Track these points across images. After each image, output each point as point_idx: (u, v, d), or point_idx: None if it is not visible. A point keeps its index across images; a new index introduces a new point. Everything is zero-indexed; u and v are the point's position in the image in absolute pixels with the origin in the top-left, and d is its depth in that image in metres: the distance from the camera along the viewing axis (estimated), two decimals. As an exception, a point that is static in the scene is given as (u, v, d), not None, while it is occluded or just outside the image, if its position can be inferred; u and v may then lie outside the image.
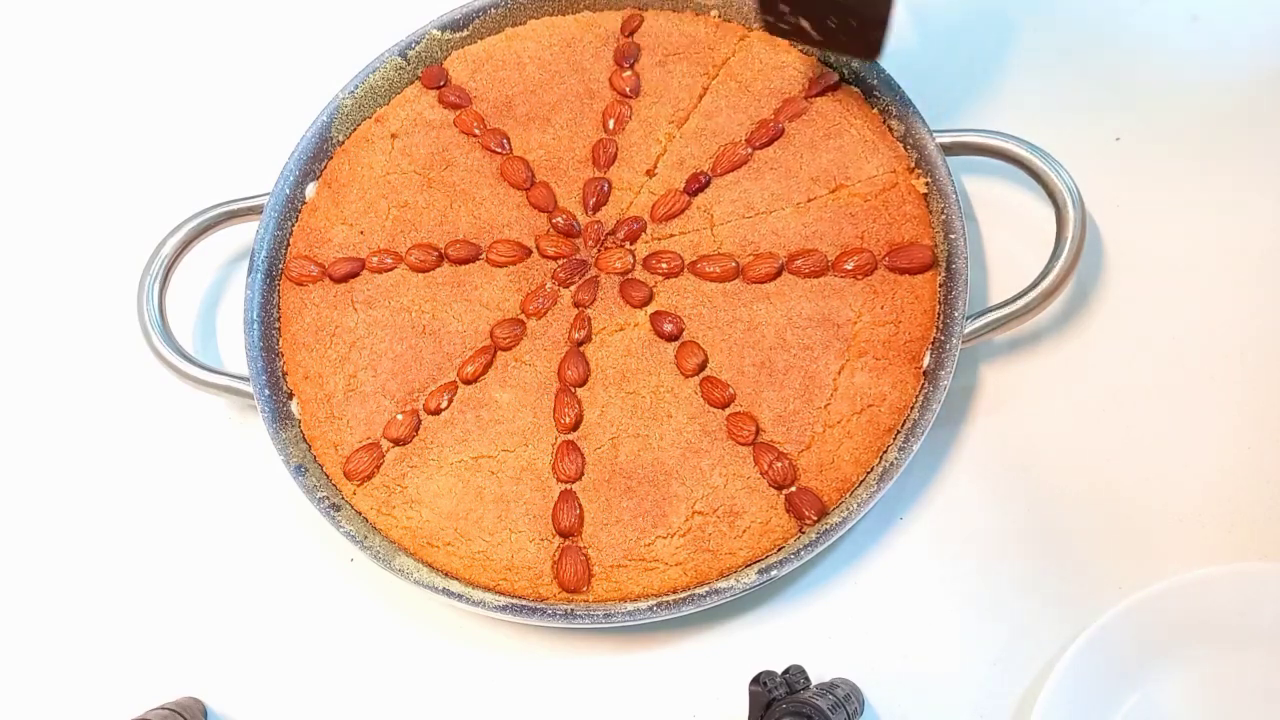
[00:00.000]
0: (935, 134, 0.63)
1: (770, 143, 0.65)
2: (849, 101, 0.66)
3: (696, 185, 0.65)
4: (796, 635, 0.58)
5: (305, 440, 0.62)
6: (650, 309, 0.63)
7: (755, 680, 0.53)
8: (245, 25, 0.80)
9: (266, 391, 0.63)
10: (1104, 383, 0.62)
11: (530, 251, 0.65)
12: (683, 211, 0.65)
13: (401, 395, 0.62)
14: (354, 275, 0.66)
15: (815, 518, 0.57)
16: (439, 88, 0.70)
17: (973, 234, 0.65)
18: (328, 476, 0.61)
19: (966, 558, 0.59)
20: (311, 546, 0.63)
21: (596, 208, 0.66)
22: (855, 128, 0.65)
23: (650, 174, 0.66)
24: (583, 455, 0.60)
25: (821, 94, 0.66)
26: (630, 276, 0.64)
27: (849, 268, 0.62)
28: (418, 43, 0.71)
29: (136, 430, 0.67)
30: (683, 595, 0.57)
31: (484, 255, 0.65)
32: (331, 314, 0.65)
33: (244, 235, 0.69)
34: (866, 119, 0.65)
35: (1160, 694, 0.54)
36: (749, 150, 0.66)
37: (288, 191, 0.68)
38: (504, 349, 0.63)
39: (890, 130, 0.65)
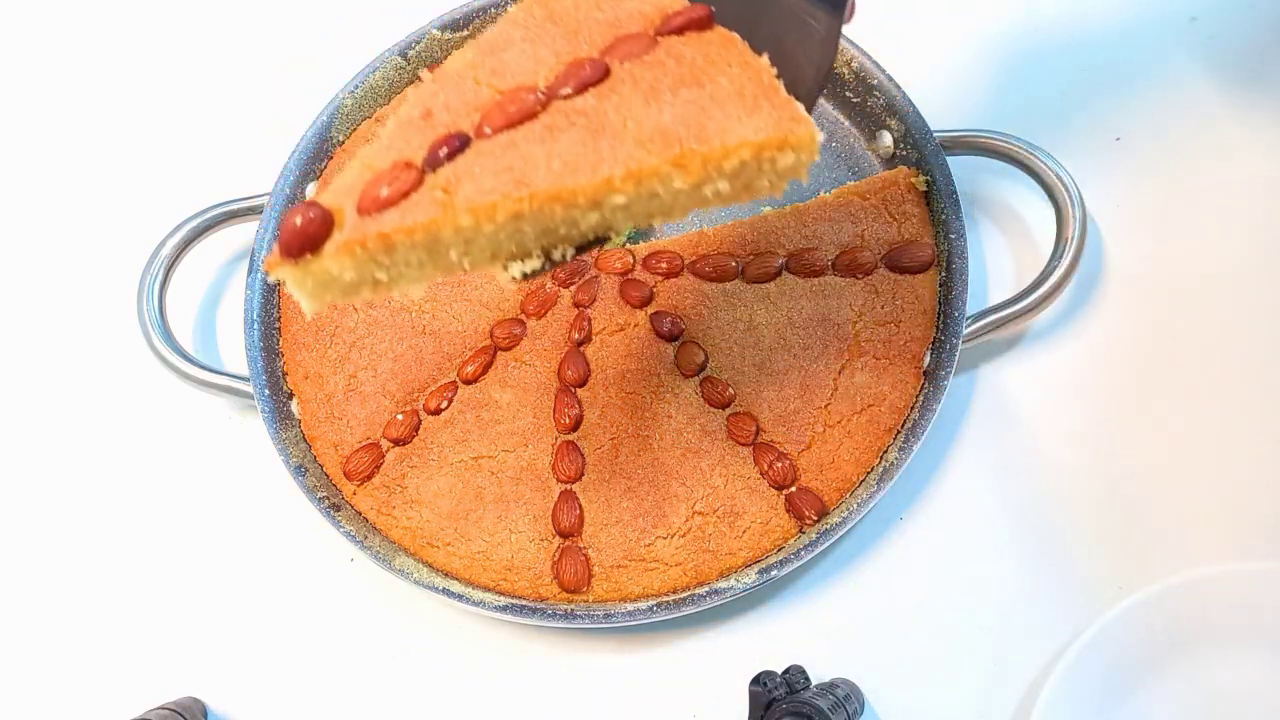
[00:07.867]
0: (935, 133, 0.63)
1: (583, 89, 0.44)
2: (725, 47, 0.45)
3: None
4: (796, 635, 0.58)
5: (305, 440, 0.62)
6: (650, 309, 0.63)
7: (755, 680, 0.53)
8: (246, 25, 0.80)
9: (266, 391, 0.63)
10: (1104, 383, 0.62)
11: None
12: None
13: (401, 395, 0.62)
14: (354, 275, 0.65)
15: (815, 518, 0.57)
16: (439, 88, 0.70)
17: (973, 234, 0.65)
18: (328, 476, 0.61)
19: (966, 558, 0.59)
20: (311, 546, 0.63)
21: (596, 208, 0.66)
22: (729, 77, 0.44)
23: None
24: (583, 455, 0.60)
25: (679, 31, 0.45)
26: (630, 276, 0.64)
27: (849, 267, 0.62)
28: (418, 42, 0.71)
29: (137, 430, 0.67)
30: (683, 595, 0.57)
31: (484, 255, 0.65)
32: (331, 314, 0.65)
33: (244, 235, 0.69)
34: (747, 69, 0.44)
35: (1160, 694, 0.54)
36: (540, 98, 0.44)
37: (288, 191, 0.68)
38: (504, 349, 0.63)
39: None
